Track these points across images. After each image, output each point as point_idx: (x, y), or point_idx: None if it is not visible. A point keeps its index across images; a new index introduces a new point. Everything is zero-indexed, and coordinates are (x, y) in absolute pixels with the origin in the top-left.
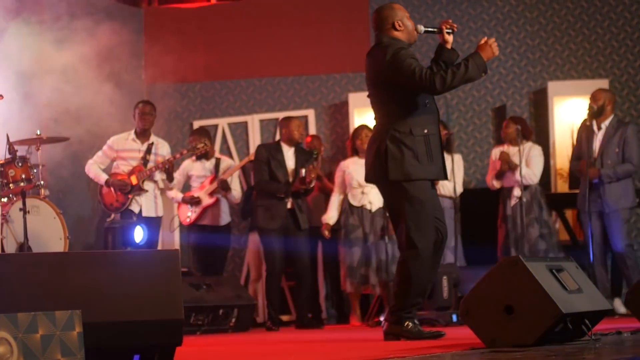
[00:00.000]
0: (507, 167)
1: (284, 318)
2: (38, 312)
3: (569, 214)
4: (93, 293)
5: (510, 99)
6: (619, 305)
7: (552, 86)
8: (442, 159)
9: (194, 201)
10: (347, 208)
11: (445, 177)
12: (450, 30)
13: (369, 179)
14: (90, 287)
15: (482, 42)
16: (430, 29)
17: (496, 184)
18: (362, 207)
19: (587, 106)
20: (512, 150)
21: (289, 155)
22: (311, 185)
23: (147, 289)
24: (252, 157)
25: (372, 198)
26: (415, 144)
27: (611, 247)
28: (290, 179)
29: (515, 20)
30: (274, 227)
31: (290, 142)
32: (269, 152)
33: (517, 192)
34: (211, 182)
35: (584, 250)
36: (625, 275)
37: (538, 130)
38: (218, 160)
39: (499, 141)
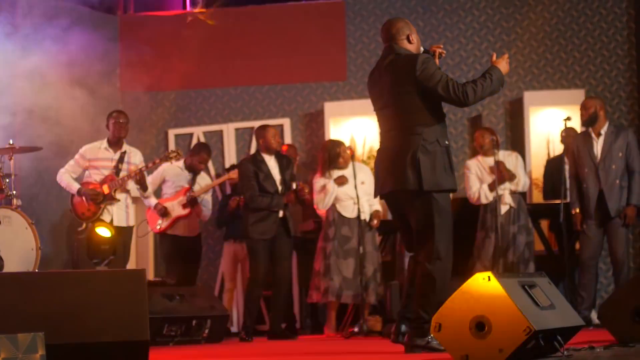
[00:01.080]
0: (509, 177)
1: (258, 328)
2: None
3: (543, 224)
4: (57, 314)
5: (486, 108)
6: (593, 316)
7: (528, 96)
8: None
9: (165, 212)
10: (336, 218)
11: (457, 189)
12: (440, 56)
13: (393, 189)
14: (54, 308)
15: (495, 57)
16: (426, 50)
17: (489, 196)
18: (354, 218)
19: (569, 115)
20: (487, 161)
21: (272, 165)
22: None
23: (112, 309)
24: (231, 175)
25: (364, 208)
26: (442, 155)
27: (610, 256)
28: (279, 189)
29: (492, 30)
30: (265, 237)
31: (269, 150)
32: (255, 165)
33: (508, 199)
34: (185, 193)
35: (559, 262)
36: (617, 283)
37: (514, 140)
38: (197, 175)
39: (475, 151)
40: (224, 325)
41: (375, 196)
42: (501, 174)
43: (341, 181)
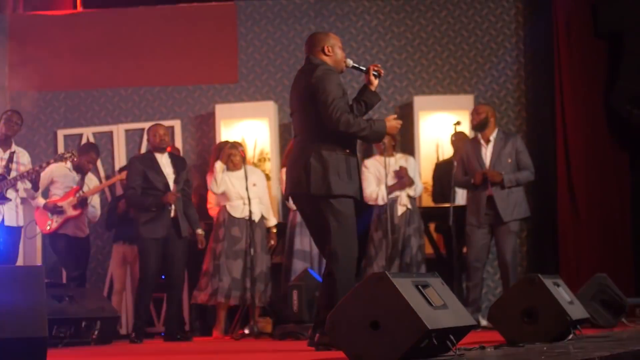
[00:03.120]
0: (409, 183)
1: (148, 330)
2: None
3: (432, 228)
4: None
5: (376, 112)
6: (481, 318)
7: (418, 101)
8: (359, 180)
9: (57, 210)
10: (226, 219)
11: (362, 198)
12: (376, 74)
13: (293, 192)
14: None
15: (392, 117)
16: (357, 66)
17: (386, 198)
18: (244, 218)
19: (458, 120)
20: (381, 161)
21: (164, 162)
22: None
23: (9, 306)
24: (122, 176)
25: (254, 209)
26: (338, 162)
27: (498, 259)
28: (171, 185)
29: (383, 35)
30: (156, 237)
31: (158, 149)
32: (143, 163)
33: (404, 200)
34: (75, 194)
35: (447, 264)
36: (505, 287)
37: (404, 144)
38: (86, 175)
39: (367, 154)
40: (114, 327)
41: (285, 198)
42: (402, 180)
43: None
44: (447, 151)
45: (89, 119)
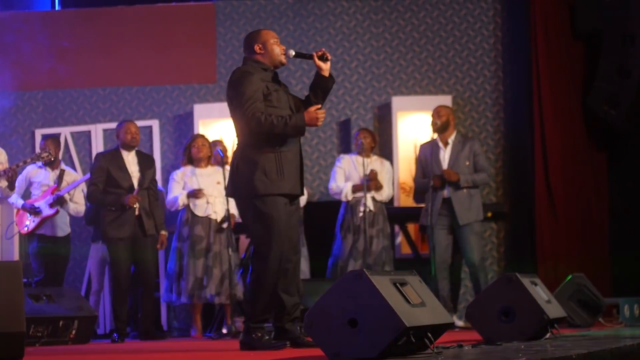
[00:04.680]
0: (375, 186)
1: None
2: None
3: (411, 228)
4: None
5: (354, 112)
6: (456, 320)
7: (396, 101)
8: (297, 174)
9: (34, 211)
10: (190, 218)
11: (301, 193)
12: (322, 57)
13: (227, 193)
14: None
15: (313, 109)
16: (301, 54)
17: (349, 196)
18: (207, 217)
19: (430, 122)
20: (360, 160)
21: (130, 160)
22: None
23: None
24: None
25: (217, 208)
26: (267, 161)
27: (463, 260)
28: (135, 183)
29: (361, 35)
30: (122, 236)
31: (126, 146)
32: (107, 160)
33: (368, 201)
34: (52, 192)
35: (426, 264)
36: (476, 288)
37: (382, 144)
38: (62, 172)
39: (346, 150)
40: (92, 326)
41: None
42: (368, 183)
43: (197, 195)
44: None
45: (67, 118)
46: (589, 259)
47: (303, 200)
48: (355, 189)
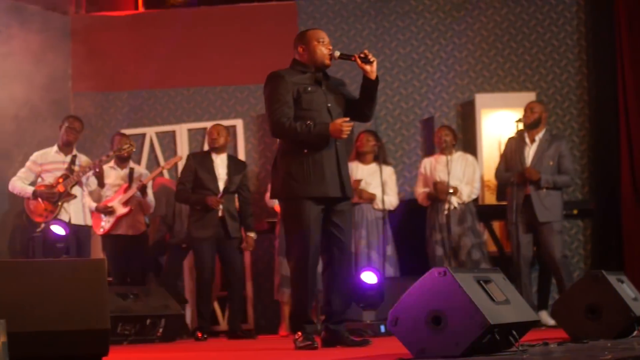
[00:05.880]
0: (445, 197)
1: (214, 328)
2: None
3: (496, 225)
4: (18, 302)
5: (438, 110)
6: (546, 317)
7: (480, 98)
8: (332, 177)
9: (108, 211)
10: None
11: (339, 194)
12: (365, 60)
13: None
14: (15, 297)
15: (340, 120)
16: (345, 55)
17: (424, 203)
18: None
19: (520, 117)
20: (442, 160)
21: (218, 163)
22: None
23: (72, 298)
24: (166, 166)
25: None
26: (293, 164)
27: (544, 258)
28: (221, 186)
29: (443, 33)
30: (206, 236)
31: (212, 148)
32: (197, 161)
33: (453, 200)
34: (125, 191)
35: (511, 262)
36: (559, 286)
37: (466, 142)
38: (132, 170)
39: (428, 153)
40: (179, 325)
41: None
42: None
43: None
44: None
45: (151, 118)
46: None
47: (394, 203)
48: (431, 195)
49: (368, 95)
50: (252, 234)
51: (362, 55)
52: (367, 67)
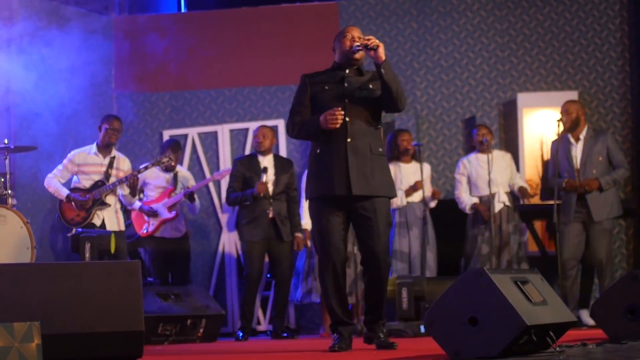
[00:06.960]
0: (527, 199)
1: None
2: None
3: (538, 225)
4: (53, 305)
5: (479, 110)
6: (586, 317)
7: (522, 98)
8: (339, 174)
9: (153, 214)
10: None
11: (343, 192)
12: (368, 47)
13: None
14: (50, 299)
15: (331, 111)
16: (358, 47)
17: (469, 211)
18: None
19: (559, 119)
20: (482, 158)
21: (266, 164)
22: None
23: (107, 300)
24: (218, 177)
25: None
26: (310, 164)
27: (589, 257)
28: (270, 188)
29: (485, 32)
30: (256, 239)
31: (261, 150)
32: (243, 165)
33: (503, 197)
34: (169, 194)
35: (553, 262)
36: (602, 286)
37: (508, 141)
38: (176, 174)
39: (469, 152)
40: (219, 325)
41: None
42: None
43: None
44: None
45: (194, 119)
46: None
47: (398, 203)
48: (479, 206)
49: (383, 83)
50: (300, 234)
51: (363, 43)
52: (372, 53)
